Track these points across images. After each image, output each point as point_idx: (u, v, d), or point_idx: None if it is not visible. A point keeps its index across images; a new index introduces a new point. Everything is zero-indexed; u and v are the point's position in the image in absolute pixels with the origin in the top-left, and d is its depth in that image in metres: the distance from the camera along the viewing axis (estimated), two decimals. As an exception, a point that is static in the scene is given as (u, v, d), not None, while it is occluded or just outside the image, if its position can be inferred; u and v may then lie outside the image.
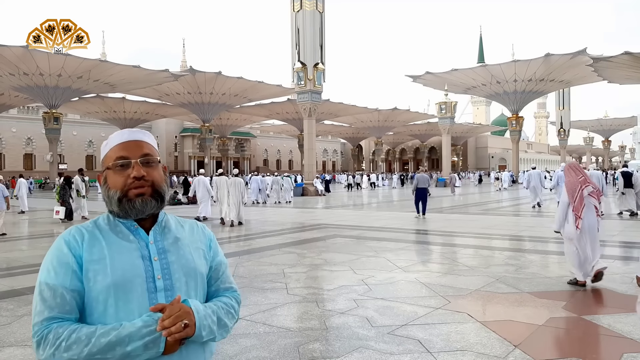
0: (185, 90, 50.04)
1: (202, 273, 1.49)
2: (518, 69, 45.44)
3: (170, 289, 1.40)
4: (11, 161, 60.97)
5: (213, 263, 1.55)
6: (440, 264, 8.18)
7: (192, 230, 1.56)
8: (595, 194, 6.35)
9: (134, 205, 1.40)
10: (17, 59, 34.79)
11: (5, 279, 7.39)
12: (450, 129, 47.03)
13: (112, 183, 1.42)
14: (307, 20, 32.21)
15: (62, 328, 1.28)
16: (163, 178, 1.48)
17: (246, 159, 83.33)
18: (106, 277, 1.34)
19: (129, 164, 1.42)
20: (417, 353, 4.03)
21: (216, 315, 1.41)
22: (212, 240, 1.60)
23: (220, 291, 1.54)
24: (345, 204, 25.08)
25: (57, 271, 1.34)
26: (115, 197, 1.40)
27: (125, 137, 1.47)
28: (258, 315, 5.17)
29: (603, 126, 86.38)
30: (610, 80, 43.58)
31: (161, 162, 1.51)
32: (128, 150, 1.44)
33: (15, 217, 18.88)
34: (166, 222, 1.51)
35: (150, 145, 1.49)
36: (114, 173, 1.43)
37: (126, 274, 1.36)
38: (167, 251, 1.45)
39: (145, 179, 1.41)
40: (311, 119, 33.24)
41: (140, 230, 1.44)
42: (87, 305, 1.36)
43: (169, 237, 1.47)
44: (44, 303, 1.32)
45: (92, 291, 1.34)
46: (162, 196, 1.45)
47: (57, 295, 1.32)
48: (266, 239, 11.53)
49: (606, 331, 4.56)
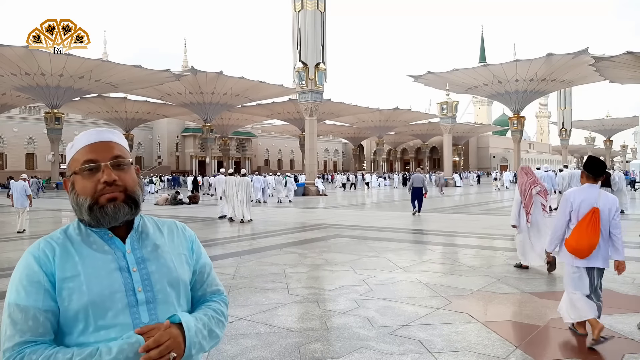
0: (186, 90, 50.06)
1: (185, 281, 1.40)
2: (519, 68, 45.36)
3: (153, 302, 1.30)
4: (13, 161, 61.07)
5: (197, 267, 1.45)
6: (441, 264, 8.17)
7: (171, 233, 1.44)
8: (542, 193, 7.30)
9: (106, 212, 1.27)
10: (18, 58, 34.85)
11: (7, 280, 7.39)
12: (451, 129, 46.99)
13: (81, 189, 1.30)
14: (308, 20, 32.21)
15: (35, 354, 1.17)
16: (136, 181, 1.35)
17: (247, 158, 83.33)
18: (82, 296, 1.23)
19: (98, 167, 1.29)
20: (418, 353, 4.03)
21: (207, 329, 1.33)
22: (194, 241, 1.49)
23: (207, 295, 1.46)
24: (347, 204, 25.08)
25: (27, 291, 1.22)
26: (86, 204, 1.28)
27: (93, 137, 1.34)
28: (259, 315, 5.17)
29: (605, 126, 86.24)
30: (612, 80, 43.52)
31: (133, 164, 1.38)
32: (97, 153, 1.31)
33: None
34: (143, 227, 1.40)
35: (121, 145, 1.36)
36: (82, 178, 1.30)
37: (104, 290, 1.25)
38: (147, 260, 1.34)
39: (117, 183, 1.29)
40: (312, 118, 33.23)
41: (115, 239, 1.33)
42: (64, 325, 1.25)
43: (148, 245, 1.36)
44: (14, 327, 1.20)
45: (69, 311, 1.23)
46: (136, 201, 1.33)
47: (29, 317, 1.20)
48: (267, 239, 11.53)
49: (608, 332, 4.55)
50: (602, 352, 4.15)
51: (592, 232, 4.29)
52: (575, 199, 4.44)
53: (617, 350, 4.13)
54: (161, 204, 23.95)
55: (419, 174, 18.22)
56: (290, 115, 60.72)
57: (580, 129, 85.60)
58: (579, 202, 4.42)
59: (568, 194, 4.59)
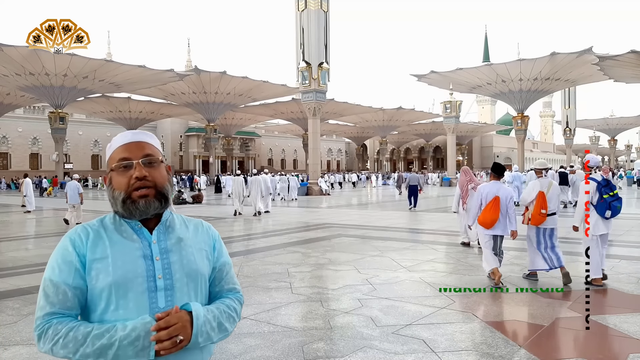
0: (190, 90, 50.11)
1: (204, 274, 1.50)
2: (523, 68, 45.21)
3: (171, 289, 1.42)
4: (17, 161, 61.27)
5: (217, 264, 1.56)
6: (445, 264, 8.16)
7: (196, 230, 1.56)
8: (475, 188, 8.93)
9: (138, 206, 1.41)
10: (22, 59, 34.96)
11: (12, 278, 7.43)
12: (455, 128, 46.89)
13: (116, 184, 1.44)
14: (311, 19, 32.16)
15: (61, 325, 1.32)
16: (166, 178, 1.48)
17: (251, 158, 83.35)
18: (108, 276, 1.36)
19: (131, 164, 1.44)
20: (421, 353, 4.02)
21: (217, 321, 1.42)
22: (217, 240, 1.60)
23: (223, 292, 1.56)
24: (350, 204, 25.07)
25: (61, 268, 1.38)
26: (120, 198, 1.42)
27: (128, 138, 1.49)
28: (262, 314, 5.17)
29: (609, 125, 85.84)
30: (616, 79, 43.33)
31: (164, 162, 1.52)
32: (130, 152, 1.45)
33: (21, 216, 18.98)
34: (170, 221, 1.52)
35: (152, 145, 1.50)
36: (118, 174, 1.45)
37: (127, 273, 1.38)
38: (170, 251, 1.46)
39: (148, 179, 1.43)
40: (316, 118, 33.20)
41: (143, 229, 1.46)
42: (90, 302, 1.40)
43: (172, 237, 1.48)
44: (46, 299, 1.36)
45: (95, 289, 1.37)
46: (166, 196, 1.46)
47: (60, 291, 1.36)
48: (271, 238, 11.53)
49: (612, 331, 4.53)
50: (607, 351, 4.13)
51: (493, 212, 6.54)
52: (485, 191, 6.79)
53: (622, 350, 4.11)
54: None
55: (415, 174, 21.11)
56: (293, 114, 60.70)
57: (584, 128, 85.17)
58: (486, 193, 6.74)
59: (481, 188, 6.92)
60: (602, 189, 6.40)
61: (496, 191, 6.63)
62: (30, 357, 4.09)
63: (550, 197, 6.69)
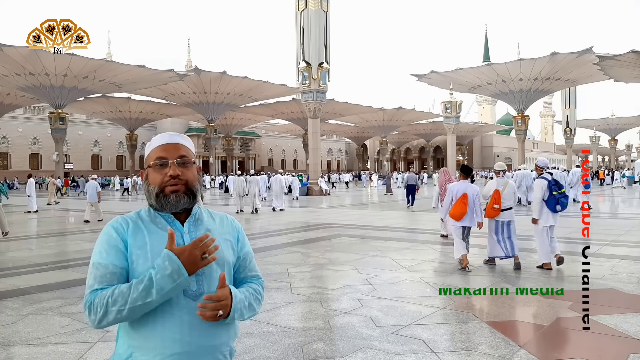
0: (190, 90, 50.13)
1: (230, 262, 1.65)
2: (524, 67, 45.22)
3: (201, 274, 1.55)
4: (17, 161, 61.31)
5: (241, 253, 1.72)
6: (445, 264, 8.15)
7: (222, 222, 1.72)
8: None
9: (169, 200, 1.57)
10: (23, 59, 34.97)
11: (11, 278, 7.42)
12: (455, 128, 46.97)
13: (152, 180, 1.60)
14: (311, 19, 32.16)
15: (105, 290, 1.46)
16: (196, 177, 1.64)
17: (251, 158, 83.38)
18: (147, 261, 1.51)
19: (166, 163, 1.59)
20: (421, 353, 4.01)
21: (247, 301, 1.60)
22: (240, 232, 1.75)
23: (247, 278, 1.72)
24: (350, 204, 25.07)
25: (108, 252, 1.52)
26: (154, 192, 1.58)
27: (166, 139, 1.65)
28: (262, 314, 5.16)
29: (609, 125, 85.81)
30: (616, 79, 43.37)
31: (196, 163, 1.67)
32: (167, 152, 1.61)
33: (22, 216, 18.97)
34: (199, 215, 1.67)
35: (187, 147, 1.66)
36: (154, 171, 1.61)
37: None
38: None
39: (180, 177, 1.58)
40: (316, 118, 33.20)
41: (176, 222, 1.61)
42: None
43: (201, 229, 1.64)
44: (94, 278, 1.49)
45: (135, 272, 1.51)
46: (194, 193, 1.62)
47: (108, 271, 1.49)
48: (271, 238, 11.53)
49: (612, 331, 4.53)
50: (607, 351, 4.12)
51: (462, 207, 7.53)
52: (455, 189, 7.81)
53: (622, 350, 4.10)
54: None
55: (412, 173, 22.52)
56: (293, 114, 60.72)
57: (584, 128, 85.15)
58: (456, 190, 7.75)
59: (451, 186, 8.00)
60: (552, 187, 7.30)
61: (464, 189, 7.68)
62: (29, 358, 4.09)
63: (505, 195, 7.73)
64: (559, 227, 7.25)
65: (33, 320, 5.11)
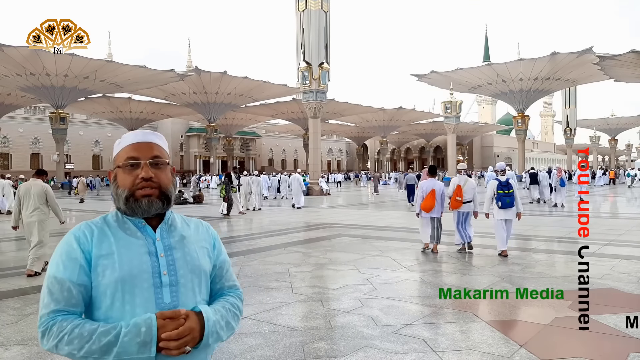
0: (190, 90, 50.14)
1: (206, 270, 1.53)
2: (524, 67, 45.22)
3: (175, 285, 1.44)
4: (18, 161, 61.30)
5: (217, 262, 1.59)
6: (445, 263, 8.16)
7: (197, 229, 1.59)
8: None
9: (140, 205, 1.43)
10: (23, 59, 34.99)
11: (13, 278, 7.45)
12: (455, 128, 46.98)
13: (121, 182, 1.46)
14: (312, 19, 32.17)
15: (66, 322, 1.32)
16: (170, 180, 1.51)
17: (251, 158, 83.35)
18: (114, 272, 1.38)
19: (138, 164, 1.46)
20: (422, 352, 4.03)
21: (224, 320, 1.46)
22: (216, 239, 1.63)
23: (224, 289, 1.59)
24: (351, 204, 25.08)
25: (65, 265, 1.38)
26: (123, 195, 1.44)
27: (138, 138, 1.51)
28: (263, 314, 5.18)
29: (609, 125, 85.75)
30: (616, 79, 43.37)
31: (170, 164, 1.54)
32: (139, 151, 1.47)
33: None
34: (172, 220, 1.55)
35: (161, 147, 1.53)
36: (124, 172, 1.47)
37: (133, 269, 1.40)
38: (173, 248, 1.48)
39: (153, 180, 1.45)
40: (316, 118, 33.21)
41: (147, 227, 1.48)
42: (94, 299, 1.40)
43: (175, 235, 1.51)
44: (51, 296, 1.36)
45: (100, 285, 1.38)
46: (169, 198, 1.49)
47: (64, 288, 1.36)
48: (272, 238, 11.54)
49: (612, 331, 4.54)
50: (607, 351, 4.14)
51: (431, 201, 8.94)
52: (424, 185, 9.19)
53: (622, 350, 4.12)
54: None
55: (412, 173, 24.14)
56: (294, 115, 60.70)
57: (585, 128, 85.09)
58: (426, 187, 9.13)
59: (421, 184, 9.38)
60: (501, 187, 8.56)
61: (432, 185, 9.12)
62: (31, 357, 4.10)
63: (465, 190, 9.25)
64: (560, 227, 7.28)
65: (35, 320, 5.11)
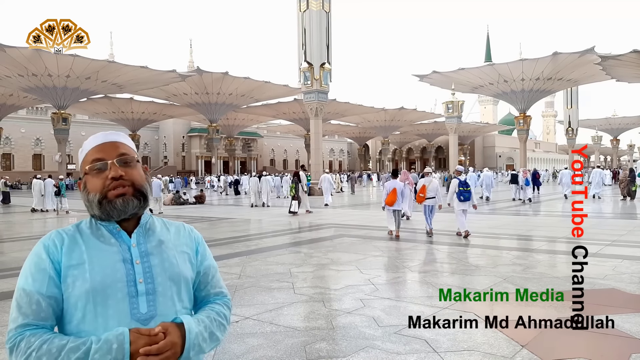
0: (192, 90, 50.18)
1: (187, 277, 1.44)
2: (525, 67, 45.15)
3: (153, 293, 1.36)
4: (20, 161, 61.46)
5: (201, 267, 1.50)
6: (447, 264, 8.16)
7: (178, 232, 1.50)
8: (410, 184, 14.67)
9: (115, 205, 1.35)
10: (25, 60, 35.04)
11: (14, 279, 7.43)
12: (457, 128, 46.91)
13: (91, 187, 1.38)
14: (313, 20, 32.17)
15: (34, 337, 1.23)
16: (143, 177, 1.43)
17: (253, 158, 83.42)
18: (85, 283, 1.30)
19: (105, 165, 1.38)
20: (423, 353, 4.03)
21: (208, 331, 1.36)
22: (200, 243, 1.53)
23: (210, 296, 1.50)
24: (352, 204, 25.08)
25: (34, 277, 1.30)
26: (95, 199, 1.36)
27: (100, 139, 1.44)
28: (265, 314, 5.19)
29: (611, 125, 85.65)
30: (618, 79, 43.27)
31: (140, 162, 1.46)
32: (104, 152, 1.40)
33: (27, 215, 19.04)
34: (150, 224, 1.46)
35: (126, 145, 1.45)
36: (92, 177, 1.38)
37: (106, 278, 1.32)
38: (150, 254, 1.40)
39: (124, 178, 1.37)
40: (318, 118, 33.21)
41: (122, 233, 1.40)
42: (65, 312, 1.32)
43: (153, 240, 1.43)
44: (19, 310, 1.28)
45: (71, 297, 1.30)
46: (145, 194, 1.41)
47: (33, 302, 1.28)
48: (273, 239, 11.55)
49: (614, 331, 4.53)
50: (609, 351, 4.13)
51: (393, 197, 11.08)
52: (388, 185, 11.46)
53: (624, 350, 4.11)
54: (167, 204, 24.05)
55: (413, 173, 25.45)
56: (295, 115, 60.72)
57: (586, 128, 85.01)
58: (389, 186, 11.38)
59: (386, 184, 11.67)
60: (461, 185, 10.96)
61: (394, 185, 11.39)
62: (34, 357, 4.11)
63: (429, 189, 11.45)
64: (560, 227, 7.31)
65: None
